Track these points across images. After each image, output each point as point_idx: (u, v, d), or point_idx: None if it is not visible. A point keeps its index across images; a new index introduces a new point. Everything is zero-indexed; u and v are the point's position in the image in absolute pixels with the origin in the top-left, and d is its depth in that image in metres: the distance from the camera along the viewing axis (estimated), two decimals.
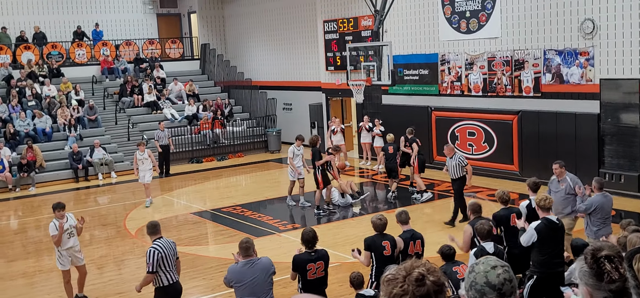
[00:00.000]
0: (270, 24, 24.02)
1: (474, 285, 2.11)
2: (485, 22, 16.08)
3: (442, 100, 17.43)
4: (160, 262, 7.16)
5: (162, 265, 7.18)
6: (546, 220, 7.08)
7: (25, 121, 20.09)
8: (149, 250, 7.18)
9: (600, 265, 2.21)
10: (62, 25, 24.94)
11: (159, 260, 7.13)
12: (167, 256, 7.21)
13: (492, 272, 2.12)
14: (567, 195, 9.36)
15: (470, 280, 2.13)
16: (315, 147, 13.79)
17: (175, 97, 23.53)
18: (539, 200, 7.26)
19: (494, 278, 2.11)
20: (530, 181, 9.05)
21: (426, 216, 13.43)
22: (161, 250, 7.18)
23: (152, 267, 7.10)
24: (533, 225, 7.16)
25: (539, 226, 7.04)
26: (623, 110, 13.69)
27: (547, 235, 7.00)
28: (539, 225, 7.06)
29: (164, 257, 7.19)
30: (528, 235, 7.09)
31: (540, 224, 7.06)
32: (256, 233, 12.56)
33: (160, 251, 7.17)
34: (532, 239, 7.02)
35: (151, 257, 7.11)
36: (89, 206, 16.63)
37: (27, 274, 10.82)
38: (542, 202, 7.18)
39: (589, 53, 14.01)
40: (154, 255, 7.10)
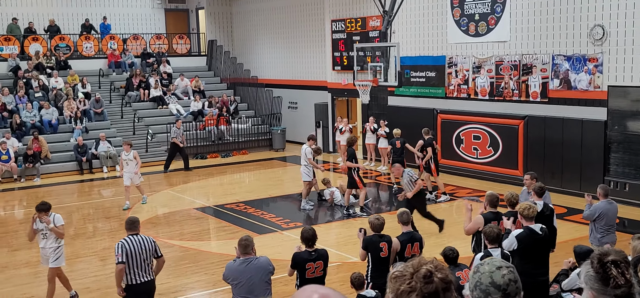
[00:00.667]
0: (277, 22, 24.01)
1: (479, 285, 2.10)
2: (494, 26, 16.03)
3: (448, 103, 17.39)
4: (126, 259, 7.03)
5: (128, 261, 7.04)
6: (529, 229, 7.10)
7: (31, 112, 20.15)
8: (117, 244, 7.17)
9: (606, 270, 2.19)
10: (71, 18, 25.00)
11: (126, 254, 7.03)
12: (135, 252, 7.07)
13: (497, 273, 2.10)
14: None
15: (475, 280, 2.11)
16: (351, 147, 13.61)
17: (181, 92, 23.56)
18: (522, 209, 7.25)
19: (499, 278, 2.09)
20: (536, 186, 8.98)
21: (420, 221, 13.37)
22: (129, 246, 7.07)
23: (120, 258, 7.00)
24: (515, 232, 7.18)
25: (521, 235, 7.07)
26: (630, 118, 13.62)
27: (528, 245, 7.01)
28: (521, 233, 7.08)
29: (131, 253, 7.05)
30: (508, 241, 7.09)
31: (523, 233, 7.08)
32: (258, 230, 12.56)
33: (128, 246, 7.06)
34: (513, 246, 7.03)
35: (118, 249, 7.07)
36: (92, 198, 16.67)
37: (31, 263, 10.85)
38: (525, 211, 7.19)
39: (597, 59, 13.94)
40: (120, 247, 7.06)
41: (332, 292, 1.66)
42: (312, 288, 1.67)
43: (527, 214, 7.15)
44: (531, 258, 7.00)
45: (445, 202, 14.40)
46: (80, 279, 10.11)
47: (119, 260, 7.05)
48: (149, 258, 7.25)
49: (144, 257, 7.17)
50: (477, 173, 16.60)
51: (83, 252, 11.61)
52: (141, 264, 7.14)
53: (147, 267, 7.23)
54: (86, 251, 11.71)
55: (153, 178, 18.63)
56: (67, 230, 13.43)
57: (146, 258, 7.20)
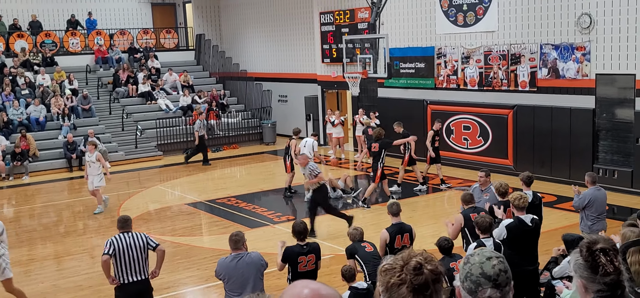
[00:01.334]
0: (266, 15, 23.93)
1: (470, 276, 2.10)
2: (482, 16, 16.06)
3: (437, 93, 17.43)
4: (116, 257, 6.93)
5: (118, 260, 6.94)
6: (518, 220, 7.15)
7: (18, 110, 20.00)
8: (107, 240, 7.08)
9: (595, 258, 2.20)
10: (56, 14, 24.79)
11: (115, 252, 6.93)
12: (125, 250, 6.94)
13: (488, 263, 2.11)
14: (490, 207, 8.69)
15: (465, 271, 2.12)
16: (381, 139, 13.46)
17: (169, 87, 23.45)
18: (513, 198, 7.28)
19: (489, 269, 2.10)
20: (524, 175, 9.00)
21: (421, 209, 13.43)
22: (118, 244, 6.96)
23: (106, 250, 6.89)
24: (505, 222, 7.23)
25: (510, 224, 7.12)
26: (618, 105, 13.72)
27: (517, 235, 7.07)
28: (511, 223, 7.13)
29: (121, 251, 6.93)
30: (499, 230, 7.16)
31: (512, 223, 7.13)
32: (250, 224, 12.56)
33: (117, 244, 6.95)
34: (502, 235, 7.08)
35: (106, 244, 6.99)
36: (82, 195, 16.58)
37: (21, 263, 10.78)
38: (516, 200, 7.22)
39: (585, 48, 14.02)
40: (109, 243, 6.98)
41: (323, 287, 1.66)
42: (303, 284, 1.67)
43: (518, 204, 7.19)
44: (520, 249, 7.06)
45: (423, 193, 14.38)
46: (72, 277, 10.07)
47: (104, 252, 6.93)
48: (142, 256, 7.07)
49: (135, 255, 7.01)
50: (467, 163, 16.66)
51: (74, 250, 11.56)
52: (132, 263, 6.99)
53: (140, 267, 7.05)
54: (77, 248, 11.66)
55: (144, 175, 18.57)
56: (57, 227, 13.39)
57: (138, 257, 7.03)
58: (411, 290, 1.88)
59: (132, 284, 7.04)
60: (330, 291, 1.67)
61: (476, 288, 2.08)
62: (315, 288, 1.64)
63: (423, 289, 1.89)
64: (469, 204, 8.12)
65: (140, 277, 7.09)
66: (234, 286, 6.54)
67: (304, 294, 1.62)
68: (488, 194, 8.94)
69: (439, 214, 12.92)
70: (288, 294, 1.65)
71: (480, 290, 2.08)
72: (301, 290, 1.64)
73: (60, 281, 9.93)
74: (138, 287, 7.09)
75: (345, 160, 19.17)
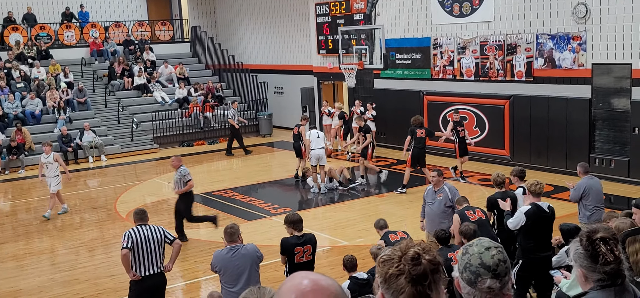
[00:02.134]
0: (261, 7, 23.85)
1: (469, 266, 2.09)
2: (478, 6, 16.03)
3: (434, 84, 17.41)
4: (133, 250, 6.89)
5: (135, 253, 6.90)
6: (536, 206, 7.00)
7: (13, 103, 19.91)
8: (125, 232, 7.06)
9: (595, 247, 2.20)
10: (51, 6, 24.65)
11: (133, 245, 6.89)
12: (143, 243, 6.91)
13: (487, 253, 2.10)
14: (445, 208, 8.59)
15: (464, 262, 2.11)
16: (418, 125, 13.43)
17: (165, 80, 23.37)
18: (530, 185, 7.17)
19: (488, 259, 2.09)
20: (516, 170, 8.87)
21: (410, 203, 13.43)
22: (136, 236, 6.91)
23: (125, 244, 6.86)
24: (523, 209, 7.09)
25: (529, 211, 6.95)
26: (614, 95, 13.73)
27: (536, 221, 6.96)
28: (529, 210, 6.96)
29: (138, 245, 6.89)
30: (516, 218, 7.03)
31: (531, 209, 6.96)
32: (247, 216, 12.55)
33: (134, 236, 6.91)
34: (521, 223, 6.95)
35: (124, 237, 6.97)
36: (79, 189, 16.54)
37: (17, 257, 10.76)
38: (533, 186, 7.09)
39: (581, 37, 14.01)
40: (126, 236, 6.94)
41: (323, 278, 1.65)
42: (302, 275, 1.66)
43: (534, 190, 7.06)
44: (536, 235, 6.94)
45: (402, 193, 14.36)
46: (69, 270, 10.05)
47: (123, 246, 6.90)
48: (159, 249, 7.04)
49: (152, 247, 6.97)
50: None
51: (71, 243, 11.54)
52: (149, 256, 6.95)
53: (156, 259, 7.02)
54: (74, 242, 11.64)
55: (140, 167, 18.53)
56: (54, 221, 13.35)
57: (155, 249, 6.99)
58: (409, 280, 1.87)
59: (148, 277, 7.00)
60: (330, 281, 1.65)
61: (475, 279, 2.07)
62: (314, 279, 1.63)
63: (421, 279, 1.87)
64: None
65: (156, 270, 7.05)
66: (229, 278, 6.52)
67: (304, 285, 1.61)
68: (442, 195, 8.67)
69: None
70: (287, 286, 1.63)
71: (479, 280, 2.07)
72: (301, 281, 1.62)
73: (56, 275, 9.91)
74: (154, 280, 7.06)
75: (343, 151, 19.13)
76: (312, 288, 1.60)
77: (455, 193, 8.65)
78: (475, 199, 13.38)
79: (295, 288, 1.60)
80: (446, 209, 8.54)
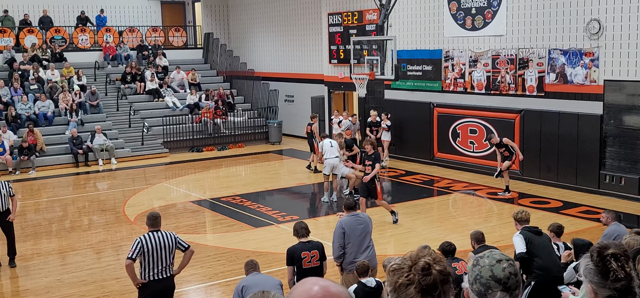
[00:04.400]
0: (274, 15, 23.95)
1: (479, 278, 2.08)
2: (490, 20, 16.02)
3: (444, 96, 17.39)
4: (143, 256, 6.82)
5: (145, 258, 6.83)
6: (527, 228, 6.96)
7: (26, 105, 20.07)
8: (136, 239, 6.95)
9: (606, 263, 2.18)
10: (66, 10, 24.88)
11: (140, 252, 6.81)
12: (154, 250, 6.83)
13: (498, 266, 2.09)
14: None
15: (475, 274, 2.10)
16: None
17: (177, 85, 23.49)
18: (516, 213, 7.17)
19: (499, 272, 2.08)
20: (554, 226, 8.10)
21: (417, 215, 13.40)
22: (148, 244, 6.83)
23: (131, 254, 6.77)
24: (516, 234, 6.92)
25: (522, 232, 6.86)
26: (626, 112, 13.65)
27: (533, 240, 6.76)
28: (522, 231, 6.88)
29: (149, 251, 6.82)
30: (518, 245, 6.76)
31: (523, 231, 6.88)
32: (254, 223, 12.55)
33: (146, 244, 6.82)
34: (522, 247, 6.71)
35: (134, 245, 6.85)
36: (88, 191, 16.63)
37: (25, 257, 10.81)
38: (519, 214, 7.13)
39: (594, 54, 13.96)
40: (136, 245, 6.84)
41: (333, 284, 1.65)
42: (312, 281, 1.66)
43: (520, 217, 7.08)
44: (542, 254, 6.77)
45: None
46: (76, 272, 10.09)
47: (128, 256, 6.81)
48: (169, 256, 6.97)
49: (163, 255, 6.91)
50: (473, 167, 16.62)
51: (78, 245, 11.58)
52: (160, 262, 6.90)
53: (167, 265, 6.97)
54: (81, 244, 11.69)
55: (149, 171, 18.61)
56: (63, 223, 13.43)
57: (166, 256, 6.93)
58: (419, 290, 1.86)
59: (156, 281, 6.95)
60: (340, 289, 1.65)
61: (486, 291, 2.06)
62: (324, 285, 1.63)
63: (431, 290, 1.87)
64: (480, 243, 7.58)
65: (165, 275, 7.00)
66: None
67: (314, 291, 1.61)
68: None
69: (445, 217, 12.89)
70: (298, 291, 1.64)
71: (489, 293, 2.05)
72: (311, 287, 1.62)
73: (64, 276, 9.95)
74: (162, 284, 7.00)
75: None
76: (323, 294, 1.60)
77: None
78: (484, 213, 13.35)
79: (306, 294, 1.60)
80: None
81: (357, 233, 7.58)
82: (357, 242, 7.57)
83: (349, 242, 7.53)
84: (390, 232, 12.19)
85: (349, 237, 7.52)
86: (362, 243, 7.59)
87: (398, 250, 10.98)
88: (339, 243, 7.54)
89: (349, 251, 7.52)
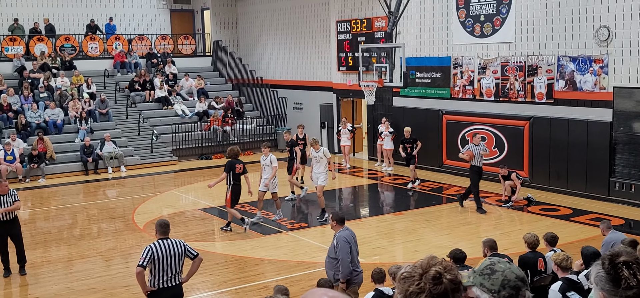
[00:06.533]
0: (282, 23, 24.02)
1: (507, 282, 2.06)
2: (499, 27, 15.99)
3: (453, 103, 17.35)
4: (153, 263, 6.84)
5: (155, 266, 6.85)
6: (567, 280, 6.38)
7: (36, 113, 20.20)
8: (146, 246, 6.97)
9: (618, 271, 2.16)
10: (76, 18, 25.06)
11: (151, 260, 6.83)
12: (163, 258, 6.85)
13: (513, 267, 2.12)
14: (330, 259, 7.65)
15: (499, 280, 2.06)
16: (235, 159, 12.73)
17: (186, 93, 23.59)
18: (557, 258, 6.61)
19: (518, 271, 2.11)
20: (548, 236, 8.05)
21: (426, 223, 13.36)
22: (158, 252, 6.85)
23: (142, 261, 6.80)
24: (554, 287, 6.34)
25: (561, 287, 6.25)
26: (636, 119, 13.57)
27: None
28: (562, 286, 6.26)
29: (159, 260, 6.84)
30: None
31: (563, 285, 6.27)
32: (263, 231, 12.55)
33: (156, 252, 6.84)
34: None
35: (144, 252, 6.87)
36: (98, 199, 16.69)
37: (35, 264, 10.86)
38: (562, 261, 6.54)
39: (603, 60, 13.89)
40: (146, 252, 6.85)
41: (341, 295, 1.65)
42: (321, 292, 1.65)
43: (565, 265, 6.50)
44: None
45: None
46: (85, 279, 10.12)
47: (139, 263, 6.83)
48: (178, 264, 7.00)
49: (173, 262, 6.93)
50: (482, 174, 16.52)
51: (88, 253, 11.62)
52: (169, 270, 6.93)
53: (176, 272, 7.00)
54: (91, 251, 11.73)
55: (158, 179, 18.67)
56: (72, 230, 13.48)
57: (175, 263, 6.96)
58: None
59: (166, 289, 6.98)
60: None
61: (517, 293, 2.06)
62: (334, 295, 1.63)
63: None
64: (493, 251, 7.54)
65: (174, 282, 7.03)
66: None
67: None
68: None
69: (454, 225, 12.85)
70: None
71: (520, 294, 2.06)
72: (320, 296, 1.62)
73: (73, 283, 9.98)
74: (171, 292, 7.02)
75: (352, 169, 19.10)
76: None
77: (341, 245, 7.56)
78: (493, 220, 13.29)
79: None
80: (331, 260, 7.61)
81: (355, 245, 7.56)
82: (355, 252, 7.52)
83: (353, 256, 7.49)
84: (399, 239, 12.16)
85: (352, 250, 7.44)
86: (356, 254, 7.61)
87: (407, 257, 10.95)
88: (349, 259, 7.27)
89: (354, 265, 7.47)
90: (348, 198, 16.58)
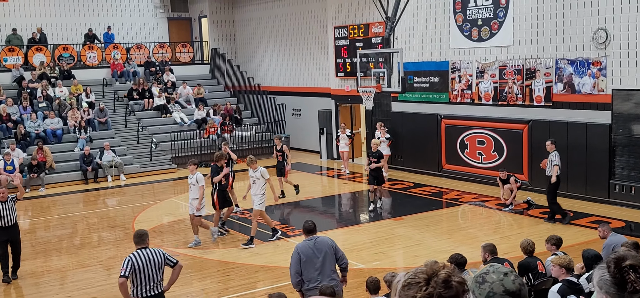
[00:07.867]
0: (280, 29, 24.05)
1: (492, 294, 2.05)
2: (497, 31, 16.02)
3: (452, 108, 17.37)
4: (134, 274, 6.89)
5: (136, 277, 6.90)
6: (567, 282, 6.43)
7: (35, 122, 20.19)
8: (126, 258, 7.02)
9: (623, 275, 2.16)
10: (74, 28, 25.08)
11: (132, 270, 6.88)
12: (142, 267, 6.91)
13: (507, 279, 2.07)
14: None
15: (485, 291, 2.06)
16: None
17: (184, 100, 23.59)
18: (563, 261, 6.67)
19: (510, 284, 2.06)
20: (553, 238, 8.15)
21: (426, 227, 13.35)
22: (137, 262, 6.90)
23: (123, 272, 6.85)
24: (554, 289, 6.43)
25: (561, 289, 6.31)
26: (635, 121, 13.59)
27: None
28: (561, 288, 6.34)
29: (139, 269, 6.89)
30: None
31: (563, 288, 6.33)
32: (264, 237, 12.54)
33: (136, 262, 6.89)
34: None
35: (125, 263, 6.92)
36: (98, 208, 16.66)
37: (36, 274, 10.84)
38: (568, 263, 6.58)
39: (601, 63, 13.92)
40: (127, 262, 6.90)
41: None
42: None
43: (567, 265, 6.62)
44: None
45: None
46: (86, 289, 10.10)
47: (121, 274, 6.88)
48: (158, 271, 7.07)
49: (152, 272, 7.01)
50: (482, 179, 16.56)
51: (88, 262, 11.60)
52: (149, 279, 6.99)
53: (157, 281, 7.07)
54: (91, 260, 11.70)
55: (158, 187, 18.64)
56: (73, 239, 13.45)
57: (155, 272, 7.03)
58: None
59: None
60: None
61: None
62: None
63: None
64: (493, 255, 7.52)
65: (156, 291, 7.09)
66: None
67: None
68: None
69: (454, 229, 12.84)
70: None
71: None
72: None
73: (74, 293, 9.96)
74: None
75: (351, 174, 19.09)
76: None
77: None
78: (493, 224, 13.28)
79: None
80: None
81: (314, 258, 7.14)
82: (315, 267, 7.12)
83: (305, 268, 7.11)
84: (399, 244, 12.15)
85: (305, 264, 7.08)
86: (323, 269, 7.10)
87: (408, 262, 10.94)
88: (295, 270, 7.12)
89: (307, 277, 7.10)
90: (347, 204, 16.58)
